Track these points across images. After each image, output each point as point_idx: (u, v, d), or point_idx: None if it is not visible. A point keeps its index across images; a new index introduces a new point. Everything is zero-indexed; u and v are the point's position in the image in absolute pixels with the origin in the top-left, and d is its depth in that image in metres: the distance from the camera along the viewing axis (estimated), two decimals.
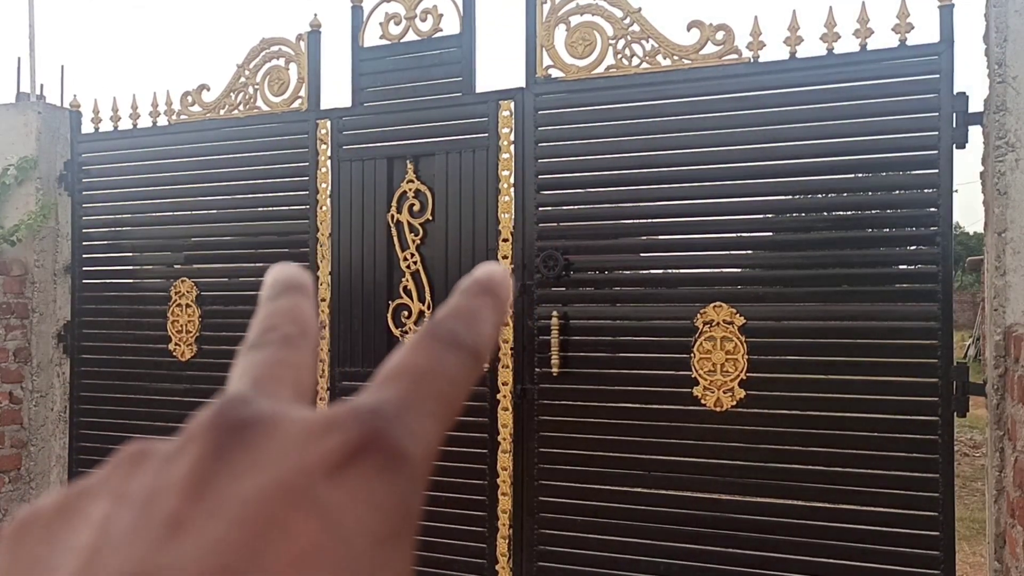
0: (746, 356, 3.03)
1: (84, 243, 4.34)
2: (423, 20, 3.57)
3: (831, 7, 2.94)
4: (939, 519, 2.80)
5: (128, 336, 4.22)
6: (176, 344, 4.05)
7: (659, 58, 3.17)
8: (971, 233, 26.96)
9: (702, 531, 3.11)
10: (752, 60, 3.05)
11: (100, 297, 4.33)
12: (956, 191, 2.86)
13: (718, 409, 3.06)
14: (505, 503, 3.39)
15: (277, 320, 0.31)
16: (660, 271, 3.36)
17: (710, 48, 3.09)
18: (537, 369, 3.34)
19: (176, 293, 4.06)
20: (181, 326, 4.04)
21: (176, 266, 4.13)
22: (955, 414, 2.80)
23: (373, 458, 0.24)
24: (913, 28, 2.85)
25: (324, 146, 3.75)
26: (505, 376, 3.38)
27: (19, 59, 4.82)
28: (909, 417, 2.87)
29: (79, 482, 0.25)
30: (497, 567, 3.39)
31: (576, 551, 3.29)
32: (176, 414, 4.06)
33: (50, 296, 4.32)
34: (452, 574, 3.47)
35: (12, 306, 4.14)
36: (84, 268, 4.34)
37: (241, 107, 3.93)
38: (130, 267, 4.30)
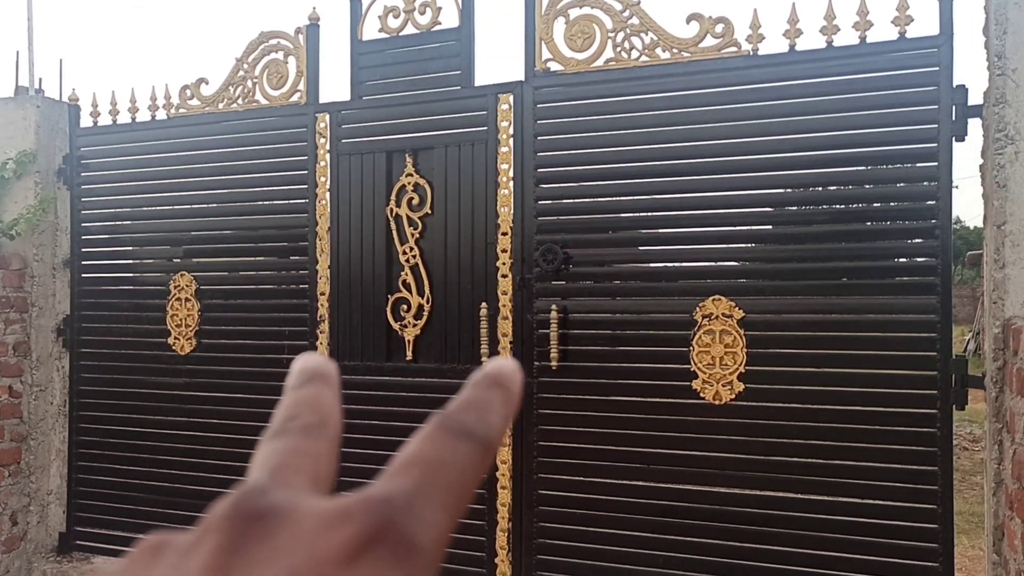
0: (745, 349, 3.03)
1: (83, 237, 4.33)
2: (422, 13, 3.56)
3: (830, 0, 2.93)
4: (938, 512, 2.81)
5: (127, 330, 4.23)
6: (175, 338, 4.05)
7: (658, 51, 3.17)
8: (971, 228, 26.94)
9: (701, 524, 3.12)
10: (751, 53, 3.04)
11: (99, 291, 4.33)
12: (956, 187, 2.86)
13: (717, 402, 3.06)
14: (504, 496, 3.39)
15: (299, 409, 0.32)
16: (659, 264, 3.36)
17: (709, 41, 3.09)
18: (536, 363, 3.34)
19: (175, 287, 4.06)
20: (180, 320, 4.04)
21: (175, 260, 4.13)
22: (954, 407, 2.80)
23: (385, 549, 0.25)
24: (913, 20, 2.85)
25: (323, 140, 3.74)
26: None
27: (18, 53, 4.82)
28: (908, 410, 2.87)
29: None
30: (496, 560, 3.40)
31: (575, 544, 3.29)
32: (175, 408, 4.06)
33: (49, 290, 4.32)
34: (452, 567, 3.47)
35: (11, 300, 4.14)
36: (83, 262, 4.34)
37: (240, 101, 3.93)
38: (129, 261, 4.29)
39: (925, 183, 2.86)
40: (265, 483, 0.28)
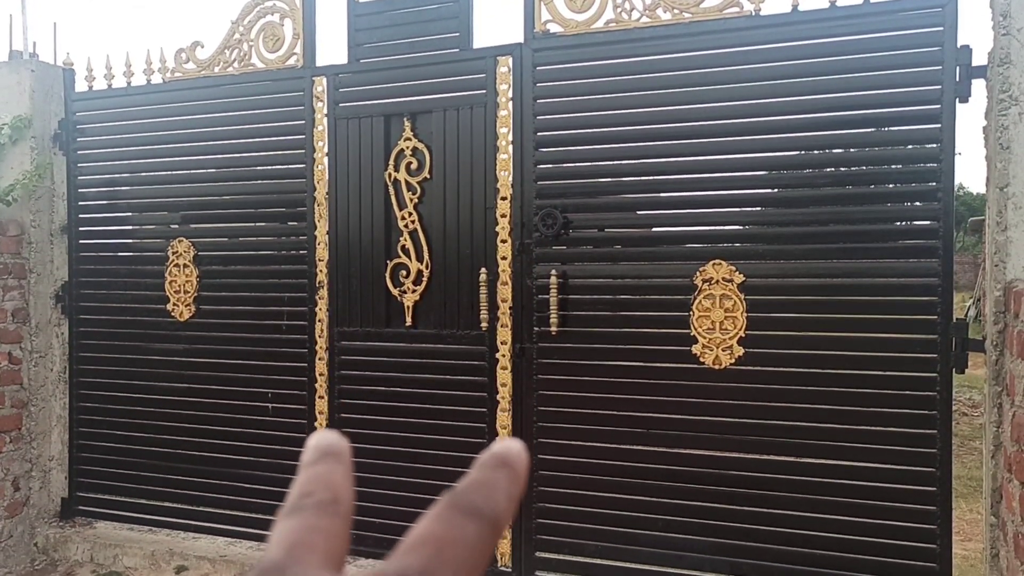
0: (745, 314, 3.02)
1: (80, 203, 4.31)
2: None
3: None
4: (936, 475, 2.81)
5: (126, 296, 4.22)
6: (174, 304, 4.04)
7: (659, 12, 3.13)
8: (975, 194, 26.79)
9: (700, 488, 3.13)
10: (754, 13, 3.00)
11: (97, 257, 4.31)
12: (959, 154, 2.83)
13: (717, 367, 3.06)
14: None
15: (313, 486, 0.33)
16: (660, 229, 3.34)
17: (711, 1, 3.05)
18: (536, 328, 3.33)
19: (173, 253, 4.04)
20: (179, 286, 4.02)
21: (173, 226, 4.11)
22: (954, 371, 2.80)
23: None
24: None
25: (320, 104, 3.71)
26: (504, 335, 3.38)
27: (11, 16, 4.76)
28: (908, 374, 2.87)
29: None
30: None
31: (575, 508, 3.30)
32: (175, 374, 4.07)
33: (47, 256, 4.31)
34: None
35: (9, 266, 4.13)
36: (80, 228, 4.32)
37: (236, 64, 3.88)
38: (127, 227, 4.27)
39: (928, 145, 2.84)
40: (282, 561, 0.29)
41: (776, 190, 3.21)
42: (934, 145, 2.81)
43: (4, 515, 4.12)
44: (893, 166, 2.97)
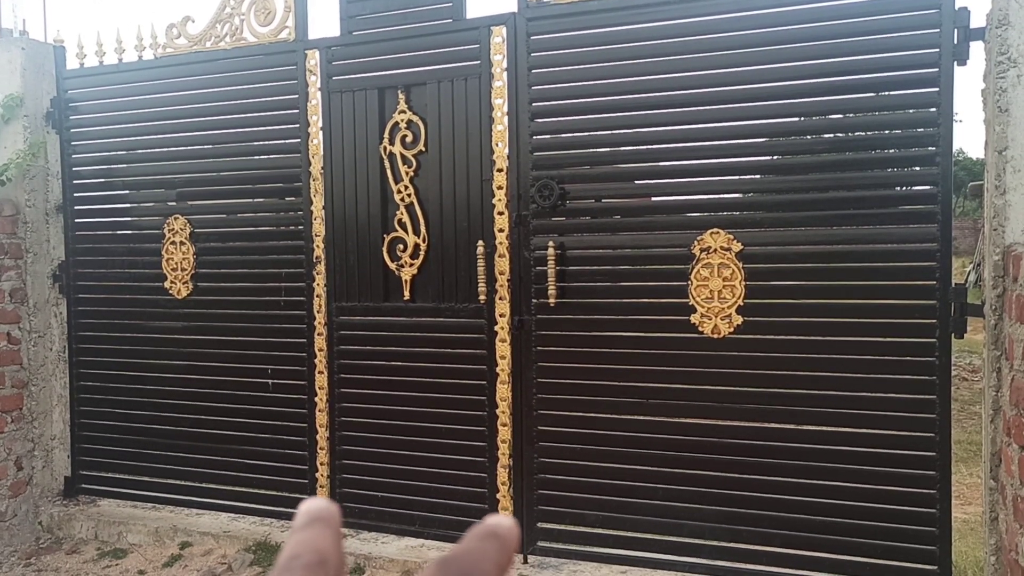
0: (744, 282, 3.01)
1: (75, 181, 4.29)
2: None
3: None
4: (935, 440, 2.82)
5: (124, 275, 4.21)
6: (172, 282, 4.03)
7: None
8: (975, 159, 26.64)
9: (700, 456, 3.14)
10: None
11: (94, 236, 4.30)
12: (960, 120, 2.81)
13: (716, 336, 3.06)
14: (505, 433, 3.41)
15: (302, 549, 0.35)
16: (657, 198, 3.32)
17: None
18: (534, 300, 3.33)
19: (170, 231, 4.02)
20: (176, 264, 4.01)
21: (169, 203, 4.09)
22: (953, 336, 2.80)
23: None
24: None
25: (314, 77, 3.67)
26: (502, 308, 3.37)
27: None
28: (907, 339, 2.87)
29: None
30: (498, 495, 3.43)
31: (575, 479, 3.32)
32: (175, 351, 4.07)
33: (43, 236, 4.29)
34: (454, 503, 3.51)
35: (5, 246, 4.11)
36: (76, 207, 4.30)
37: (228, 39, 3.84)
38: (122, 205, 4.26)
39: (926, 109, 2.81)
40: None
41: (774, 157, 3.19)
42: (932, 109, 2.79)
43: (8, 494, 4.14)
44: (891, 131, 2.94)
